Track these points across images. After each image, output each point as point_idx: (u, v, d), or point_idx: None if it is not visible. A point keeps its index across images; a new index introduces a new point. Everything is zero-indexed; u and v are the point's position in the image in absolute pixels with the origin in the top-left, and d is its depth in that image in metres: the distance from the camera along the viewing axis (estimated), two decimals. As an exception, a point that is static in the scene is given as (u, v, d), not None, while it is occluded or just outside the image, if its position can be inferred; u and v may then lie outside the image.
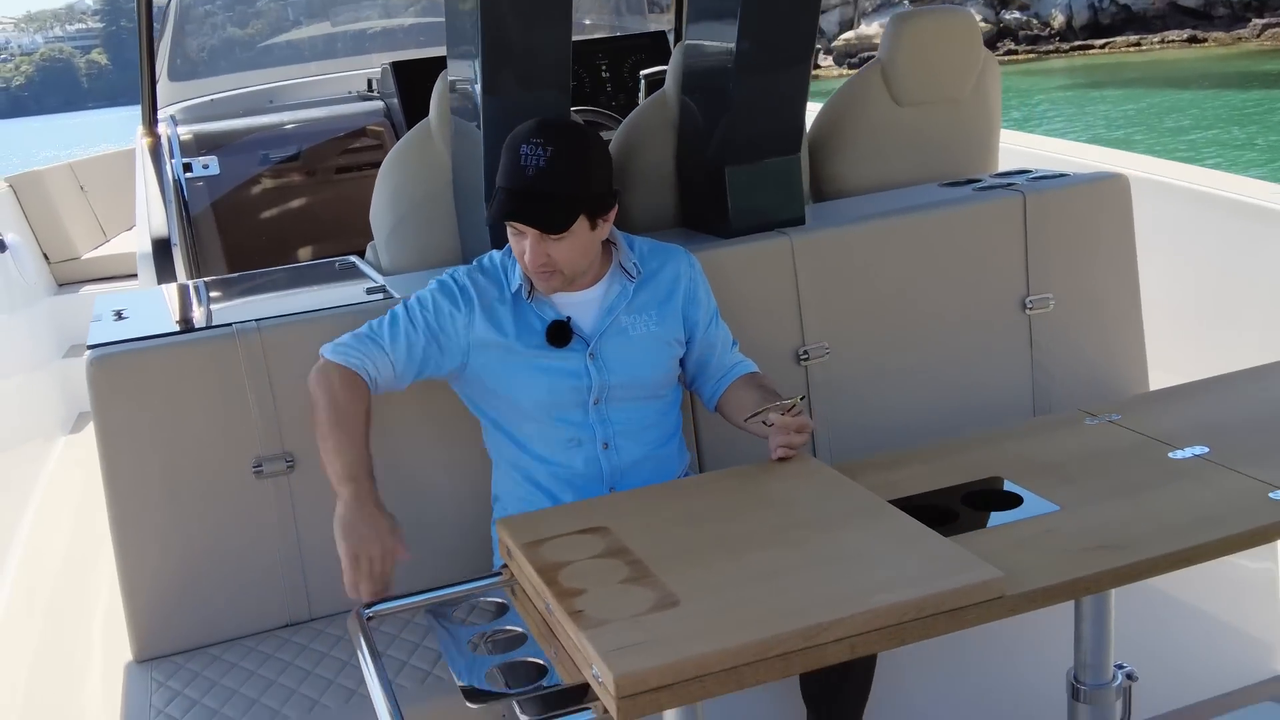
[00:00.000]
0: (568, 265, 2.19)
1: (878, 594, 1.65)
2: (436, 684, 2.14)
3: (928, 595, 1.65)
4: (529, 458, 2.31)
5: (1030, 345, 2.95)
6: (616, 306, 2.30)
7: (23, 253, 5.90)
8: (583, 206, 2.14)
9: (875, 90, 3.19)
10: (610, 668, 1.51)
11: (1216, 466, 2.01)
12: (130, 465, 2.32)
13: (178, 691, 2.22)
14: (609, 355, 2.28)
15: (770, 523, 1.90)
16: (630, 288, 2.32)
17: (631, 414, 2.31)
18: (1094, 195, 2.98)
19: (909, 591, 1.65)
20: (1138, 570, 1.77)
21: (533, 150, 2.09)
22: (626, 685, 1.51)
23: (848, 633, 1.61)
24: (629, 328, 2.30)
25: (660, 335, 2.33)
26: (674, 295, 2.36)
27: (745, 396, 2.31)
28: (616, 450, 2.30)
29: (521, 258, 2.20)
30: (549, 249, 2.16)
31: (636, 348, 2.30)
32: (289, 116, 4.98)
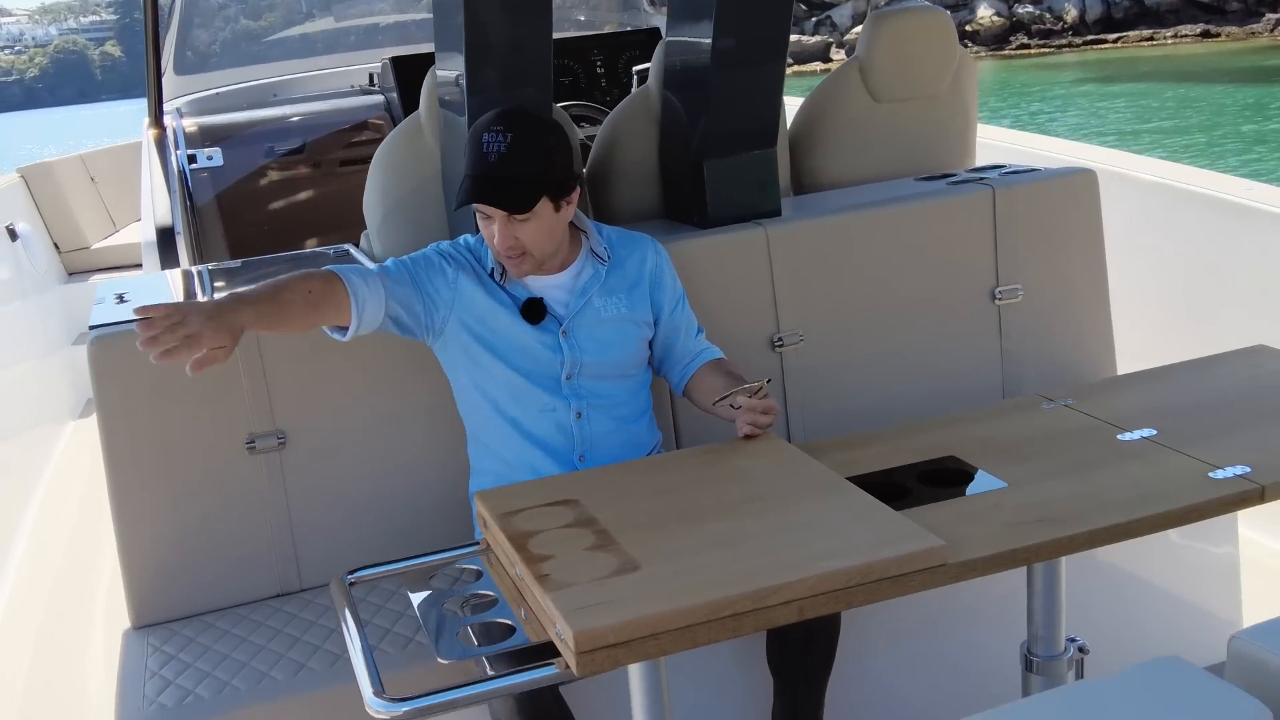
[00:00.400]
0: (535, 247, 2.30)
1: (825, 560, 1.75)
2: (417, 650, 2.24)
3: (873, 561, 1.75)
4: (503, 420, 2.41)
5: (1000, 334, 3.05)
6: (590, 288, 2.40)
7: (34, 242, 6.03)
8: (544, 188, 2.25)
9: (854, 87, 3.29)
10: (570, 625, 1.62)
11: (1162, 448, 2.10)
12: (129, 441, 2.44)
13: (172, 655, 2.33)
14: (581, 335, 2.39)
15: (731, 496, 2.01)
16: (603, 270, 2.42)
17: (603, 390, 2.42)
18: (1063, 189, 3.08)
19: (855, 558, 1.75)
20: (1076, 542, 1.87)
21: (494, 138, 2.21)
22: (585, 641, 1.61)
23: (795, 596, 1.71)
24: (601, 309, 2.40)
25: (630, 317, 2.43)
26: (641, 280, 2.46)
27: (712, 381, 2.42)
28: (588, 420, 2.41)
29: (491, 242, 2.30)
30: (516, 231, 2.26)
31: (608, 328, 2.41)
32: (292, 110, 5.09)
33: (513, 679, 1.73)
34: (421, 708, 1.68)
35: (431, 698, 1.69)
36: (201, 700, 2.18)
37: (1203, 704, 1.22)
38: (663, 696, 1.88)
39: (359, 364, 2.56)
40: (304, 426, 2.52)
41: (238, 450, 2.49)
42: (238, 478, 2.50)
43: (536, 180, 2.24)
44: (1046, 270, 3.07)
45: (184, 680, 2.24)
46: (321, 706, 2.20)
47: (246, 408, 2.49)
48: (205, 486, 2.48)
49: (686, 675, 2.43)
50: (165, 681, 2.24)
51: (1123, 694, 1.26)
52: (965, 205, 2.99)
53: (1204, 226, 3.63)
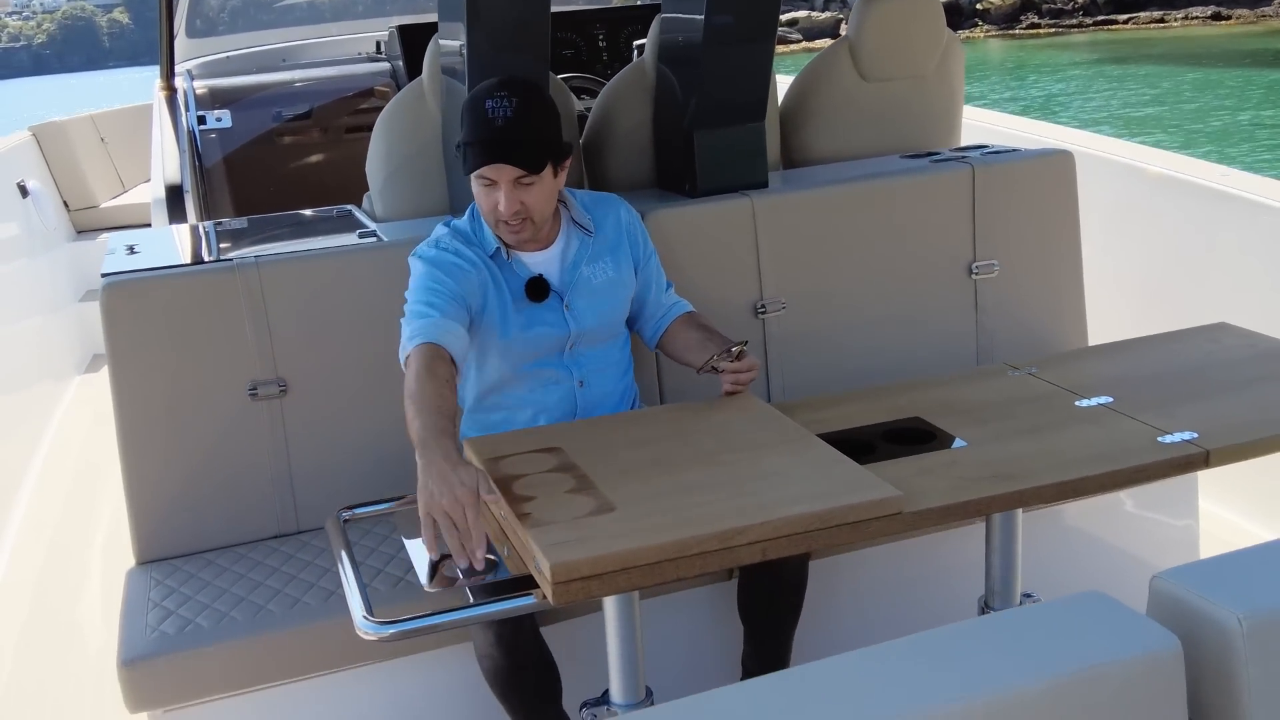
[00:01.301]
0: (537, 213, 2.35)
1: (788, 506, 1.88)
2: (406, 588, 2.36)
3: (831, 508, 1.87)
4: (507, 397, 2.50)
5: (975, 308, 3.16)
6: (579, 260, 2.48)
7: (44, 199, 6.13)
8: (550, 151, 2.31)
9: (843, 65, 3.39)
10: (548, 558, 1.75)
11: (1117, 414, 2.22)
12: (137, 385, 2.55)
13: (174, 589, 2.45)
14: (580, 305, 2.47)
15: (705, 447, 2.13)
16: (589, 241, 2.50)
17: (598, 353, 2.52)
18: (1040, 170, 3.18)
19: (815, 504, 1.88)
20: (1024, 497, 1.99)
21: (498, 103, 2.26)
22: (561, 573, 1.74)
23: (758, 537, 1.84)
24: (591, 277, 2.49)
25: (618, 279, 2.52)
26: (621, 239, 2.55)
27: (688, 337, 2.53)
28: (589, 387, 2.51)
29: (493, 211, 2.32)
30: (522, 195, 2.30)
31: (601, 294, 2.50)
32: (300, 75, 5.19)
33: (493, 606, 1.85)
34: (407, 630, 1.81)
35: (417, 621, 1.81)
36: (201, 629, 2.30)
37: (1119, 633, 1.34)
38: (636, 630, 2.01)
39: (358, 316, 2.67)
40: (304, 376, 2.64)
41: (240, 397, 2.61)
42: (240, 423, 2.62)
43: (544, 141, 2.30)
44: (1022, 247, 3.18)
45: (185, 611, 2.36)
46: (315, 638, 2.32)
47: (250, 356, 2.61)
48: (209, 431, 2.60)
49: (661, 623, 2.55)
50: (167, 612, 2.37)
51: (1046, 621, 1.38)
52: (945, 182, 3.09)
53: (1180, 210, 3.74)
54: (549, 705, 2.34)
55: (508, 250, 2.43)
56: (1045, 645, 1.32)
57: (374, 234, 2.82)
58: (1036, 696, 1.25)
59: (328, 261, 2.69)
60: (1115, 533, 3.05)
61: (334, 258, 2.70)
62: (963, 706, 1.23)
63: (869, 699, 1.24)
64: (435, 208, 3.02)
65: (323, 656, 2.35)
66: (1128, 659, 1.30)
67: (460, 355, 2.23)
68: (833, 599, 2.72)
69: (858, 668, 1.30)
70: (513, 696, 2.33)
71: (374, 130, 3.04)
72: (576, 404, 2.50)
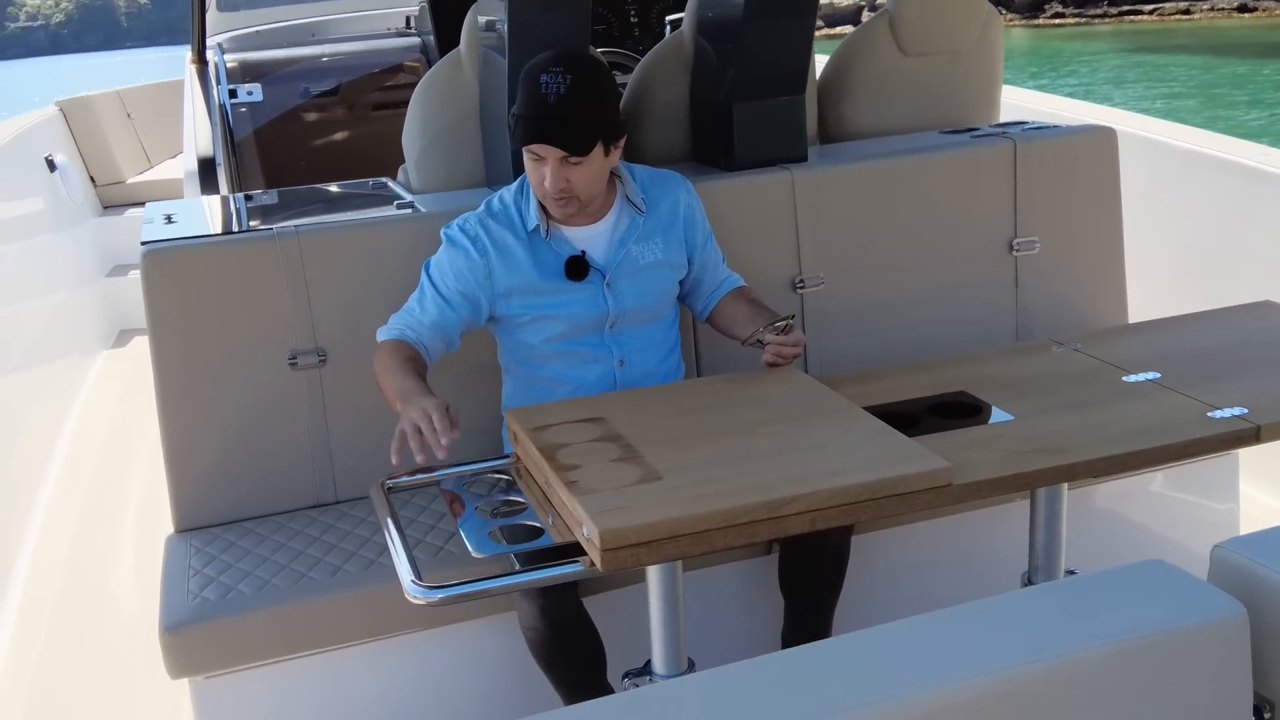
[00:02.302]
0: (584, 190, 2.34)
1: (836, 476, 1.87)
2: (449, 557, 2.36)
3: (880, 479, 1.86)
4: (546, 375, 2.50)
5: (1015, 284, 3.14)
6: (628, 238, 2.47)
7: (71, 174, 6.15)
8: (601, 131, 2.29)
9: (882, 39, 3.36)
10: (596, 524, 1.74)
11: (1165, 390, 2.20)
12: (177, 353, 2.55)
13: (214, 556, 2.46)
14: (623, 285, 2.46)
15: (749, 418, 2.11)
16: (640, 220, 2.48)
17: (641, 334, 2.51)
18: (1082, 146, 3.15)
19: (864, 475, 1.86)
20: (1074, 471, 1.98)
21: (552, 79, 2.24)
22: (610, 539, 1.73)
23: (807, 507, 1.83)
24: (639, 257, 2.47)
25: (666, 261, 2.50)
26: (675, 222, 2.53)
27: (737, 311, 2.52)
28: (630, 365, 2.50)
29: (540, 185, 2.33)
30: (568, 174, 2.30)
31: (646, 275, 2.48)
32: (330, 49, 5.19)
33: (540, 573, 1.85)
34: (454, 595, 1.80)
35: (464, 586, 1.81)
36: (243, 596, 2.31)
37: (1183, 600, 1.32)
38: (679, 600, 2.00)
39: (397, 286, 2.66)
40: (343, 345, 2.64)
41: (280, 366, 2.61)
42: (279, 392, 2.62)
43: (594, 122, 2.28)
44: (1063, 224, 3.15)
45: (226, 578, 2.37)
46: (358, 606, 2.33)
47: (289, 326, 2.60)
48: (248, 399, 2.60)
49: (702, 595, 2.54)
50: (208, 579, 2.37)
51: (1107, 588, 1.36)
52: (986, 158, 3.07)
53: (1221, 190, 3.71)
54: (592, 675, 2.34)
55: (548, 228, 2.42)
56: (1107, 611, 1.30)
57: (411, 205, 2.82)
58: (1098, 662, 1.24)
59: (367, 231, 2.68)
60: (1156, 514, 3.03)
61: (374, 227, 2.70)
62: (1021, 671, 1.21)
63: (920, 665, 1.22)
64: (471, 179, 3.01)
65: (365, 624, 2.35)
66: (1192, 626, 1.28)
67: (434, 354, 2.37)
68: (874, 575, 2.71)
69: (907, 635, 1.29)
70: (556, 667, 2.33)
71: (411, 101, 3.02)
72: (616, 382, 2.49)
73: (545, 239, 2.42)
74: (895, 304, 3.04)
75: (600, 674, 2.35)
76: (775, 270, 2.93)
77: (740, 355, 2.74)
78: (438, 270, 2.42)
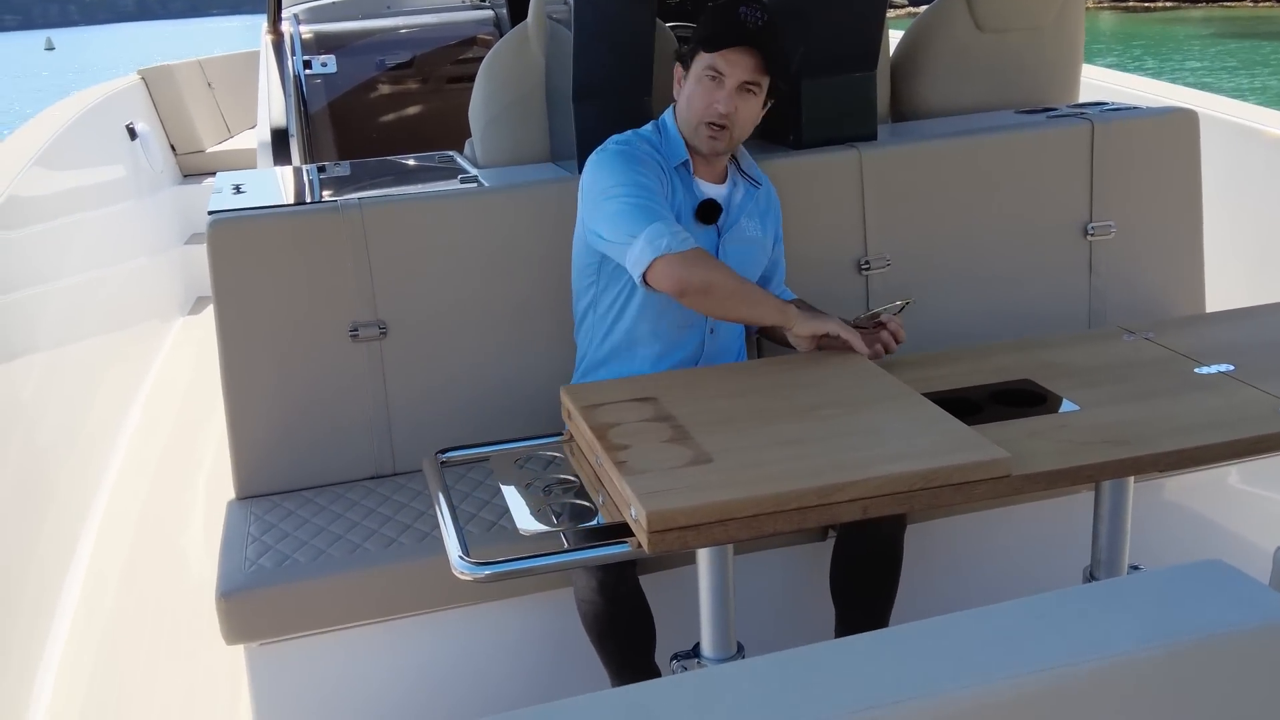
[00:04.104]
0: (740, 128, 2.41)
1: (891, 464, 1.83)
2: (500, 533, 2.36)
3: (936, 468, 1.82)
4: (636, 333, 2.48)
5: (1089, 270, 3.06)
6: (742, 209, 2.51)
7: (151, 142, 6.24)
8: (778, 69, 2.39)
9: (959, 14, 3.28)
10: (644, 506, 1.72)
11: (1238, 382, 2.13)
12: (241, 322, 2.58)
13: (273, 524, 2.49)
14: (731, 248, 2.49)
15: (804, 401, 2.08)
16: (754, 194, 2.54)
17: None
18: (1162, 128, 3.06)
19: (919, 463, 1.83)
20: (1140, 464, 1.92)
21: (751, 12, 2.35)
22: (656, 521, 1.71)
23: (860, 495, 1.79)
24: (746, 228, 2.52)
25: (762, 241, 2.55)
26: (770, 210, 2.60)
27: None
28: (718, 335, 2.52)
29: (708, 109, 2.37)
30: (739, 102, 2.37)
31: (749, 248, 2.52)
32: (404, 22, 5.20)
33: (587, 553, 1.84)
34: (501, 572, 1.80)
35: (511, 564, 1.80)
36: (298, 565, 2.33)
37: (1241, 603, 1.28)
38: (728, 584, 1.98)
39: (458, 261, 2.67)
40: (404, 318, 2.65)
41: (342, 337, 2.62)
42: (340, 364, 2.64)
43: (779, 59, 2.39)
44: (1141, 209, 3.07)
45: (283, 546, 2.39)
46: (410, 578, 2.34)
47: (351, 297, 2.62)
48: (310, 370, 2.62)
49: (754, 580, 2.52)
50: (265, 546, 2.40)
51: (1164, 587, 1.32)
52: (1063, 139, 2.99)
53: None
54: (642, 656, 2.34)
55: (694, 162, 2.46)
56: (1163, 611, 1.26)
57: (475, 179, 2.81)
58: (1152, 663, 1.20)
59: (430, 205, 2.69)
60: (1224, 509, 2.95)
61: (436, 201, 2.70)
62: (1075, 670, 1.18)
63: (975, 659, 1.19)
64: (535, 155, 3.00)
65: (416, 597, 2.37)
66: (1250, 630, 1.24)
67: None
68: (929, 566, 2.66)
69: (964, 628, 1.26)
70: (609, 642, 2.33)
71: (477, 75, 3.02)
72: (704, 349, 2.51)
73: (691, 174, 2.47)
74: (964, 288, 2.98)
75: (649, 655, 2.35)
76: (840, 251, 2.89)
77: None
78: (637, 174, 2.36)
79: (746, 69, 2.34)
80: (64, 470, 3.44)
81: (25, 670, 2.67)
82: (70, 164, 4.68)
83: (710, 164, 2.49)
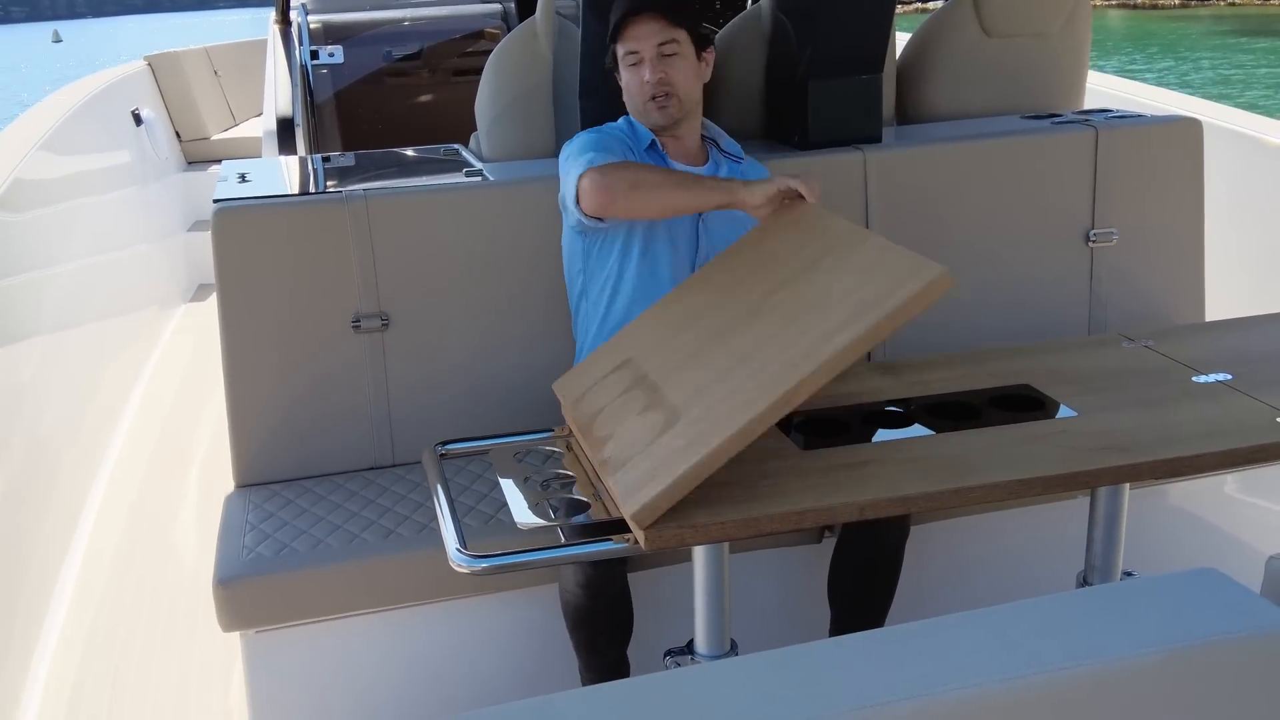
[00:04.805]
0: (682, 88, 2.42)
1: (836, 335, 1.79)
2: (498, 526, 2.37)
3: (878, 321, 1.77)
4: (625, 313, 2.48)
5: (1090, 276, 3.07)
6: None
7: (157, 128, 6.25)
8: (688, 20, 2.40)
9: (966, 19, 3.28)
10: (626, 507, 1.74)
11: (1235, 392, 2.14)
12: (244, 310, 2.59)
13: (271, 513, 2.49)
14: (715, 226, 2.49)
15: (756, 292, 2.05)
16: (739, 167, 2.54)
17: None
18: (1166, 136, 3.07)
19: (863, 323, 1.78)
20: (1135, 471, 1.93)
21: None
22: (644, 518, 1.72)
23: (812, 389, 1.77)
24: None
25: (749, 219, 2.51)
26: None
27: None
28: None
29: (640, 88, 2.41)
30: (665, 67, 2.39)
31: (738, 224, 2.48)
32: (411, 14, 5.20)
33: (584, 548, 1.84)
34: (497, 565, 1.81)
35: (507, 557, 1.81)
36: (296, 553, 2.34)
37: (1233, 611, 1.28)
38: (724, 581, 1.98)
39: (462, 254, 2.68)
40: (407, 310, 2.65)
41: (344, 328, 2.63)
42: (342, 355, 2.64)
43: (681, 7, 2.40)
44: (1143, 216, 3.07)
45: (281, 535, 2.40)
46: (406, 569, 2.35)
47: (354, 288, 2.62)
48: (311, 360, 2.63)
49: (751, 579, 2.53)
50: (263, 535, 2.41)
51: (1157, 594, 1.33)
52: (1066, 145, 3.00)
53: None
54: (614, 649, 2.36)
55: (662, 142, 2.48)
56: (1155, 618, 1.27)
57: (480, 173, 2.82)
58: (1143, 669, 1.21)
59: (434, 198, 2.69)
60: (1221, 517, 2.96)
61: (441, 194, 2.70)
62: (1066, 674, 1.19)
63: (968, 661, 1.20)
64: (541, 150, 3.00)
65: (412, 588, 2.38)
66: (1241, 638, 1.25)
67: None
68: (924, 569, 2.67)
69: (958, 630, 1.27)
70: (583, 632, 2.35)
71: (485, 69, 3.03)
72: None
73: (664, 156, 2.48)
74: (965, 292, 2.98)
75: (621, 649, 2.38)
76: None
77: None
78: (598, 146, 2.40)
79: (652, 33, 2.38)
80: (64, 455, 3.45)
81: (21, 654, 2.68)
82: (75, 149, 4.69)
83: (680, 140, 2.51)
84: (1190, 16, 32.42)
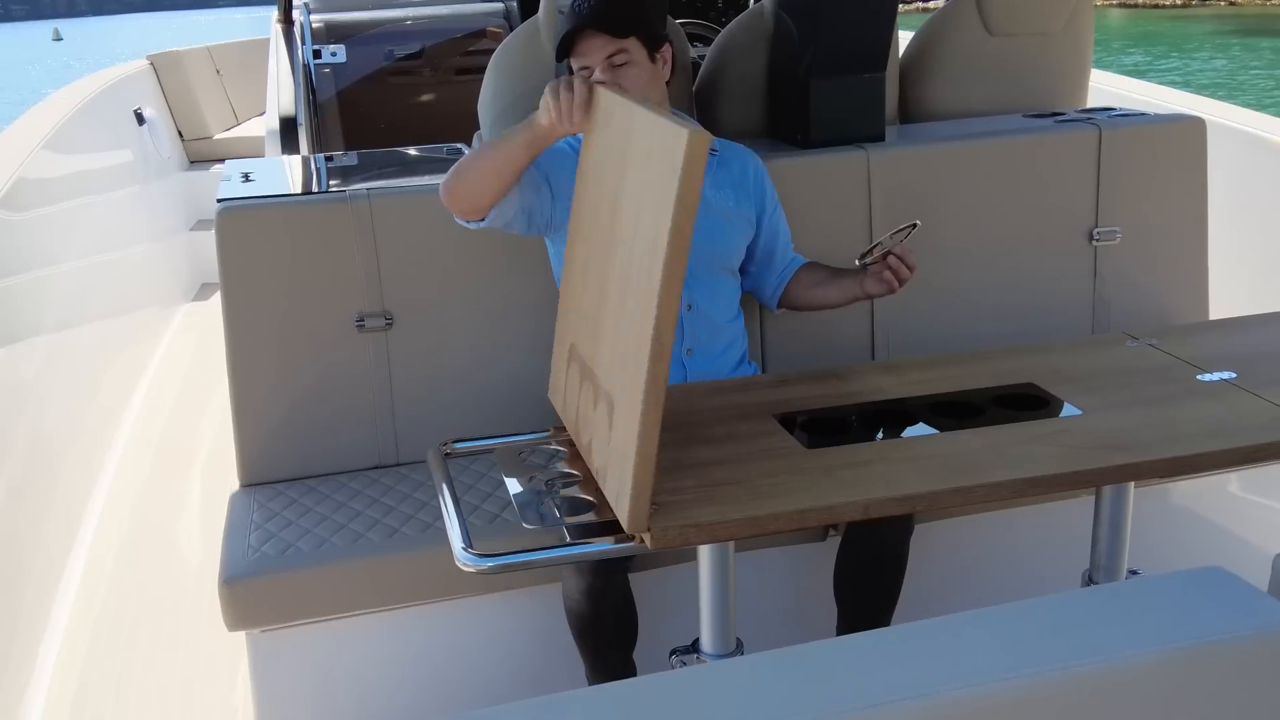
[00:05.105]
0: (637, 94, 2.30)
1: (653, 250, 1.67)
2: (503, 525, 2.38)
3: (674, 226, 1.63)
4: None
5: (1094, 275, 3.07)
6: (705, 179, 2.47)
7: (159, 128, 6.25)
8: (638, 26, 2.34)
9: (968, 18, 3.28)
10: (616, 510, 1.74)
11: (1240, 390, 2.14)
12: (248, 310, 2.59)
13: (276, 513, 2.50)
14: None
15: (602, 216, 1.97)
16: (713, 161, 2.50)
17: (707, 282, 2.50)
18: (1169, 135, 3.07)
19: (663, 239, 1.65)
20: (1139, 470, 1.93)
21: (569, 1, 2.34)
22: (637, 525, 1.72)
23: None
24: (711, 199, 2.48)
25: (737, 212, 2.52)
26: (746, 179, 2.56)
27: (816, 275, 2.55)
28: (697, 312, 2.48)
29: None
30: (618, 77, 2.31)
31: (716, 219, 2.48)
32: (414, 13, 5.21)
33: (590, 547, 1.85)
34: (503, 564, 1.81)
35: (513, 556, 1.81)
36: (301, 553, 2.34)
37: (1239, 610, 1.29)
38: (729, 579, 1.98)
39: (466, 253, 2.68)
40: (410, 310, 2.66)
41: (347, 327, 2.63)
42: (345, 354, 2.65)
43: (629, 14, 2.34)
44: (1146, 215, 3.07)
45: (286, 534, 2.40)
46: (411, 569, 2.35)
47: (358, 288, 2.63)
48: (315, 359, 2.63)
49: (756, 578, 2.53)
50: (269, 534, 2.41)
51: (1163, 593, 1.33)
52: (1070, 143, 3.00)
53: None
54: (619, 653, 2.36)
55: None
56: (1162, 618, 1.27)
57: None
58: (1151, 669, 1.21)
59: (438, 197, 2.69)
60: (1226, 515, 2.96)
61: None
62: (1073, 674, 1.19)
63: (975, 661, 1.20)
64: None
65: (417, 587, 2.38)
66: (1248, 637, 1.25)
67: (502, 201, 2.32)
68: (929, 568, 2.67)
69: (964, 630, 1.27)
70: (588, 638, 2.34)
71: (488, 68, 3.03)
72: (684, 328, 2.47)
73: None
74: (968, 290, 2.99)
75: (627, 653, 2.37)
76: (846, 251, 2.89)
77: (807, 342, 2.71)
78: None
79: (599, 48, 2.33)
80: (67, 454, 3.46)
81: (26, 653, 2.68)
82: (77, 148, 4.69)
83: None
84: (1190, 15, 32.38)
